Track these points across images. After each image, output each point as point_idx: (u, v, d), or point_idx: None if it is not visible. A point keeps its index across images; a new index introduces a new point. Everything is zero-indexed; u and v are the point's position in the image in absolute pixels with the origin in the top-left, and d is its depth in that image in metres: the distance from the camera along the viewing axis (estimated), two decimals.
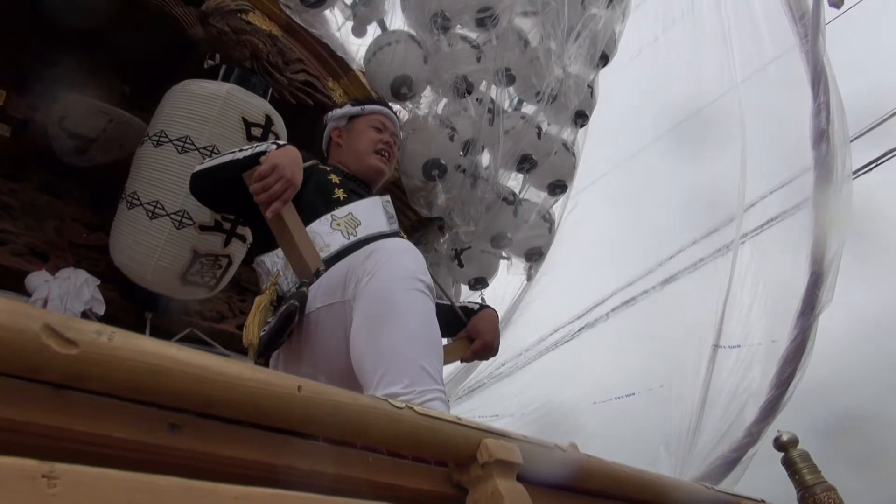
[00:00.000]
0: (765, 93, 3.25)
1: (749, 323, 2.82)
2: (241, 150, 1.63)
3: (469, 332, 1.83)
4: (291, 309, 1.41)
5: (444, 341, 1.71)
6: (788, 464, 1.61)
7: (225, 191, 1.64)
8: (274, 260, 1.66)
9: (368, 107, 2.01)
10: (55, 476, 0.41)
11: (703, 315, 2.91)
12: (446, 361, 1.74)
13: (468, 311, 1.89)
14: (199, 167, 1.70)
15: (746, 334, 2.79)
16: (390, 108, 2.09)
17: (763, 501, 1.27)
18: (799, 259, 2.77)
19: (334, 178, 1.77)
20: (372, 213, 1.72)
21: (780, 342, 2.69)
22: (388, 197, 1.84)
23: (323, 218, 1.64)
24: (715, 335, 2.80)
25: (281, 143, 1.61)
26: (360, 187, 1.84)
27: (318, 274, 1.52)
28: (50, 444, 0.50)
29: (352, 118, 1.98)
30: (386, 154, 1.92)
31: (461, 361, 1.94)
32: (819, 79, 2.84)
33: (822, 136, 2.77)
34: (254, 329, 1.51)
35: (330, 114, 2.05)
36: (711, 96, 3.37)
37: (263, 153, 1.53)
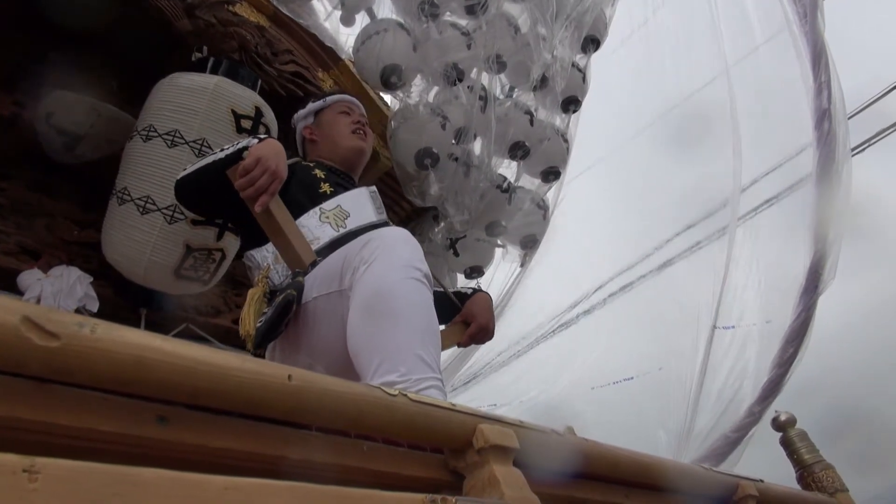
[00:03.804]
0: (757, 75, 3.24)
1: (744, 304, 2.83)
2: (222, 150, 1.59)
3: (464, 317, 1.82)
4: (289, 298, 1.40)
5: (441, 328, 1.70)
6: (787, 443, 1.61)
7: (211, 193, 1.61)
8: (264, 254, 1.64)
9: (330, 98, 2.02)
10: (36, 471, 0.40)
11: (700, 297, 2.91)
12: (443, 347, 1.73)
13: (462, 297, 1.88)
14: (181, 174, 1.66)
15: (741, 315, 2.80)
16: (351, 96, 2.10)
17: (762, 481, 1.27)
18: (794, 240, 2.78)
19: (319, 173, 1.76)
20: (360, 204, 1.72)
21: (774, 322, 2.70)
22: (374, 187, 1.83)
23: (311, 212, 1.63)
24: (713, 316, 2.80)
25: (262, 136, 1.59)
26: (344, 180, 1.83)
27: (314, 265, 1.51)
28: (34, 440, 0.49)
29: (317, 113, 1.99)
30: (361, 132, 1.93)
31: (458, 346, 1.93)
32: (819, 58, 2.82)
33: (824, 116, 2.75)
34: (250, 320, 1.49)
35: (295, 116, 2.05)
36: (703, 80, 3.35)
37: (245, 148, 1.50)
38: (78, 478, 0.41)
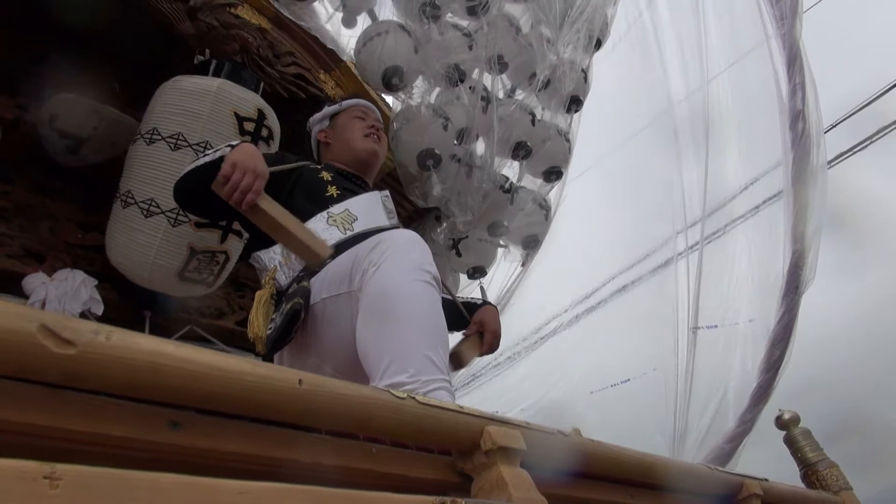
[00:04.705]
0: (748, 78, 3.25)
1: (726, 304, 2.85)
2: (204, 155, 1.60)
3: (478, 326, 1.84)
4: (297, 307, 1.40)
5: (453, 337, 1.71)
6: (790, 442, 1.62)
7: (202, 196, 1.58)
8: (271, 256, 1.64)
9: (346, 102, 2.03)
10: (57, 477, 0.40)
11: (690, 298, 2.93)
12: (465, 361, 1.77)
13: (470, 307, 1.91)
14: (175, 183, 1.65)
15: (724, 315, 2.81)
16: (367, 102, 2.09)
17: (766, 480, 1.28)
18: (777, 241, 2.79)
19: (326, 176, 1.75)
20: (369, 208, 1.71)
21: (756, 321, 2.71)
22: (386, 192, 1.83)
23: (318, 216, 1.63)
24: (694, 316, 2.82)
25: (234, 143, 1.57)
26: (354, 183, 1.82)
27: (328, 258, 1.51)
28: (50, 445, 0.50)
29: (333, 117, 1.99)
30: (375, 136, 1.93)
31: (479, 356, 1.93)
32: (794, 61, 2.84)
33: (798, 117, 2.77)
34: (258, 323, 1.50)
35: (310, 120, 2.06)
36: (697, 82, 3.36)
37: (222, 158, 1.49)
38: (96, 483, 0.42)
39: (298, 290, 1.44)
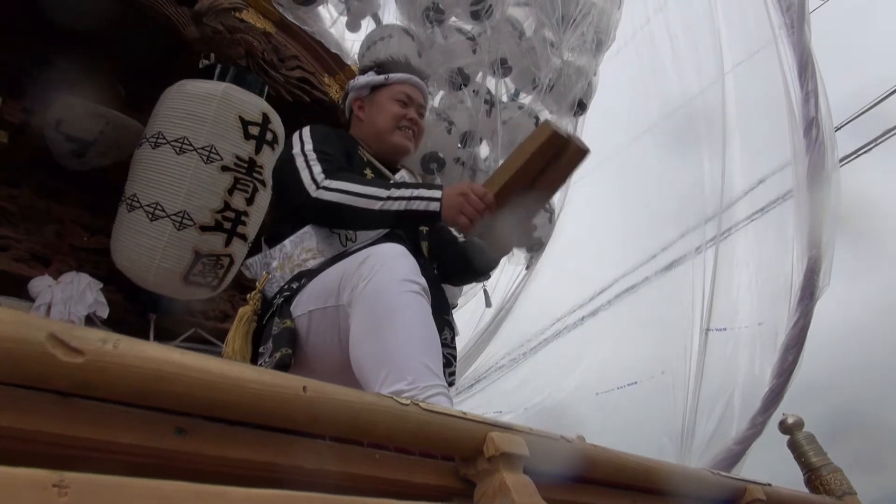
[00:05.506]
0: (756, 79, 3.26)
1: (735, 306, 2.85)
2: (379, 201, 1.50)
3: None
4: (285, 360, 1.40)
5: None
6: (794, 446, 1.62)
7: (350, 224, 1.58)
8: (266, 261, 1.65)
9: (393, 76, 1.83)
10: (65, 485, 0.41)
11: (696, 301, 2.93)
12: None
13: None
14: (327, 197, 1.53)
15: (732, 318, 2.82)
16: (418, 75, 1.90)
17: (769, 485, 1.28)
18: (785, 244, 2.79)
19: (368, 174, 1.69)
20: None
21: (765, 324, 2.71)
22: (402, 173, 1.81)
23: None
24: (706, 319, 2.83)
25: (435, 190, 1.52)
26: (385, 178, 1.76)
27: (305, 275, 1.52)
28: (58, 453, 0.50)
29: (374, 88, 1.84)
30: (411, 130, 1.81)
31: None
32: (805, 67, 2.85)
33: (811, 124, 2.78)
34: (235, 345, 1.50)
35: (352, 82, 1.91)
36: (705, 82, 3.36)
37: (435, 204, 1.49)
38: (105, 492, 0.42)
39: (284, 333, 1.44)
